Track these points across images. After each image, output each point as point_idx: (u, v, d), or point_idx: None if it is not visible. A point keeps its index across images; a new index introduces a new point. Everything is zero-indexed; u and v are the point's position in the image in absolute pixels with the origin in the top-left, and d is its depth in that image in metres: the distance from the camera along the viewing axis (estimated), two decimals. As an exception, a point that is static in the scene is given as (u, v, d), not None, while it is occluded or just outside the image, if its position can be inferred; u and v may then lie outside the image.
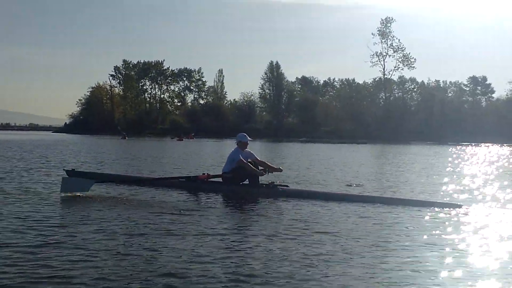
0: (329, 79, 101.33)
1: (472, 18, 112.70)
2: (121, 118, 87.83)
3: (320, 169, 15.17)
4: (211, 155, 22.87)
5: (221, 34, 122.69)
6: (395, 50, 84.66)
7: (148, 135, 60.91)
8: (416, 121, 74.53)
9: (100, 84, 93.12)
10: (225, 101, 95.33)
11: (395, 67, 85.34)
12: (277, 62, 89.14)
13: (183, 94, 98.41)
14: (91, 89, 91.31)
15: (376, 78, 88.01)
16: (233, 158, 8.98)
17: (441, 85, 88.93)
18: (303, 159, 20.90)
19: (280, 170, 9.14)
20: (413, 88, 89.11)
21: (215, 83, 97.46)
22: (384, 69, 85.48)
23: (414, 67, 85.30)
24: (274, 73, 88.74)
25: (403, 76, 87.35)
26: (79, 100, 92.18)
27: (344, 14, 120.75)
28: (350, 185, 10.50)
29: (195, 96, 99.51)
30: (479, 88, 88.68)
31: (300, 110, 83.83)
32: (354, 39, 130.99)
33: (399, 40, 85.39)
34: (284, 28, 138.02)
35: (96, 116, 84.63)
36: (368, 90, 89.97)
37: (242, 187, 8.86)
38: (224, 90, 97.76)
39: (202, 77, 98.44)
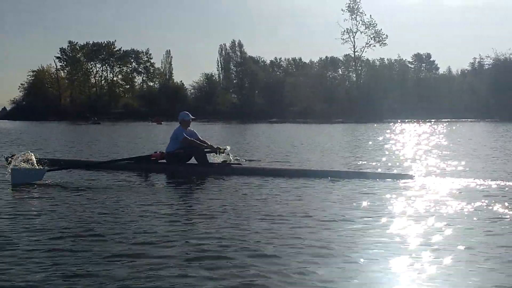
0: (275, 58, 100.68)
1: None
2: (68, 104, 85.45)
3: (283, 148, 15.57)
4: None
5: (167, 14, 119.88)
6: (366, 26, 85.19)
7: (95, 121, 59.16)
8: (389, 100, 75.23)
9: (44, 67, 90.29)
10: (174, 83, 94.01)
11: (366, 43, 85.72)
12: (239, 40, 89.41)
13: (130, 77, 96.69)
14: (31, 73, 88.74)
15: (346, 54, 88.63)
16: (177, 136, 9.36)
17: (386, 63, 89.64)
18: (267, 140, 21.15)
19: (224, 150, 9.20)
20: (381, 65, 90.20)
21: (163, 64, 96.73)
22: (354, 46, 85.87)
23: (385, 43, 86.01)
24: (236, 52, 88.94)
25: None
26: (21, 84, 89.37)
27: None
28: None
29: (144, 78, 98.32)
30: (423, 65, 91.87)
31: (267, 91, 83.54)
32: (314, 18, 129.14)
33: (370, 16, 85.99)
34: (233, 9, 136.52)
35: (40, 101, 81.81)
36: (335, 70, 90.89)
37: (195, 166, 9.17)
38: (173, 72, 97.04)
39: (151, 58, 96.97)
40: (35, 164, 7.77)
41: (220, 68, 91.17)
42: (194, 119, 9.89)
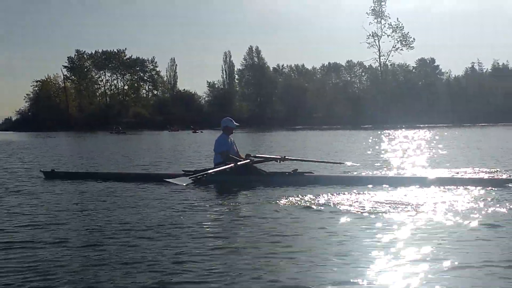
0: (277, 65, 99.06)
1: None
2: (77, 114, 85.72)
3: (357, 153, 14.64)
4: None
5: (169, 23, 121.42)
6: (393, 29, 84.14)
7: (119, 130, 58.91)
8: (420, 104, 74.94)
9: (51, 76, 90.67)
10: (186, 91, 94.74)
11: (393, 47, 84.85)
12: (257, 46, 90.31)
13: (136, 85, 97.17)
14: (35, 83, 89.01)
15: (370, 59, 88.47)
16: (220, 145, 8.92)
17: (389, 68, 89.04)
18: (326, 147, 20.07)
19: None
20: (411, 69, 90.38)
21: (167, 72, 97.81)
22: (379, 50, 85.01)
23: (413, 47, 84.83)
24: (254, 59, 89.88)
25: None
26: (27, 95, 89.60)
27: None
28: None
29: (149, 87, 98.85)
30: (428, 70, 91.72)
31: (287, 97, 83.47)
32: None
33: (397, 19, 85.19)
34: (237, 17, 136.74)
35: (47, 111, 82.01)
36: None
37: (261, 176, 8.71)
38: (177, 80, 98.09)
39: (156, 66, 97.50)
40: None
41: (224, 75, 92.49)
42: (238, 126, 9.46)
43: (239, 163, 8.53)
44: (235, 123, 9.21)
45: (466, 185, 7.59)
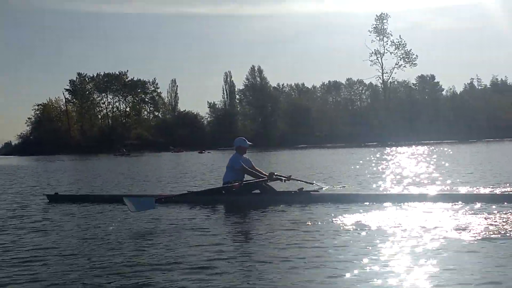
0: (277, 84, 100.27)
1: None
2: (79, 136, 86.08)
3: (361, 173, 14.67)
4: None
5: (170, 44, 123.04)
6: (396, 46, 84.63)
7: (124, 152, 59.05)
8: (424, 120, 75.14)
9: (52, 100, 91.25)
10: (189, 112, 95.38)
11: (396, 64, 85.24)
12: (259, 66, 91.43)
13: (138, 107, 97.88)
14: (36, 107, 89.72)
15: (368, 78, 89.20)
16: (233, 164, 9.10)
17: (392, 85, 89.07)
18: (334, 164, 19.97)
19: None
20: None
21: (168, 94, 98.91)
22: (382, 68, 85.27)
23: (416, 63, 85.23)
24: (256, 78, 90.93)
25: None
26: (28, 118, 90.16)
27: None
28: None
29: (150, 108, 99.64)
30: (426, 87, 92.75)
31: (289, 116, 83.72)
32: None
33: (400, 36, 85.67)
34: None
35: (49, 135, 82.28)
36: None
37: (270, 195, 8.76)
38: (178, 101, 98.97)
39: (157, 88, 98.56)
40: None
41: (225, 95, 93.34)
42: (251, 145, 9.59)
43: (258, 179, 8.85)
44: (248, 142, 9.38)
45: (482, 202, 7.48)
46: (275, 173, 9.05)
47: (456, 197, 7.84)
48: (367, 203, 7.82)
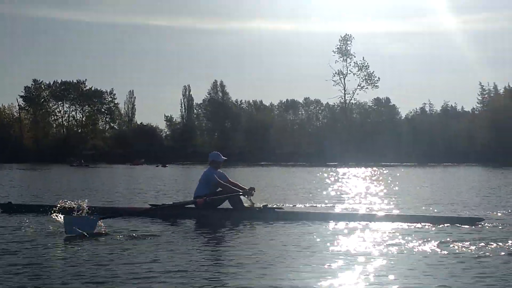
0: (236, 100, 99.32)
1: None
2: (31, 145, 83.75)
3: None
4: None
5: (128, 54, 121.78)
6: (359, 68, 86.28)
7: (82, 163, 57.71)
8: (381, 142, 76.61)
9: (5, 106, 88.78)
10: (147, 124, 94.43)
11: (358, 85, 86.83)
12: (221, 81, 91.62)
13: (94, 117, 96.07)
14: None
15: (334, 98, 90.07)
16: (208, 179, 9.08)
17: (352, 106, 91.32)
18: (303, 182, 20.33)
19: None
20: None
21: (125, 105, 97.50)
22: (344, 89, 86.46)
23: (377, 86, 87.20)
24: (218, 93, 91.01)
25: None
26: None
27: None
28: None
29: (107, 119, 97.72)
30: (382, 109, 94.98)
31: (251, 132, 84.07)
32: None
33: (363, 58, 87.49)
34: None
35: (0, 143, 79.67)
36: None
37: (232, 211, 8.85)
38: (135, 113, 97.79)
39: (115, 98, 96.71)
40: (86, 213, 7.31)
41: (183, 109, 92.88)
42: (226, 159, 9.62)
43: (225, 195, 8.93)
44: (222, 157, 9.44)
45: (436, 224, 7.84)
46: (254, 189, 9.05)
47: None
48: (319, 221, 8.13)
